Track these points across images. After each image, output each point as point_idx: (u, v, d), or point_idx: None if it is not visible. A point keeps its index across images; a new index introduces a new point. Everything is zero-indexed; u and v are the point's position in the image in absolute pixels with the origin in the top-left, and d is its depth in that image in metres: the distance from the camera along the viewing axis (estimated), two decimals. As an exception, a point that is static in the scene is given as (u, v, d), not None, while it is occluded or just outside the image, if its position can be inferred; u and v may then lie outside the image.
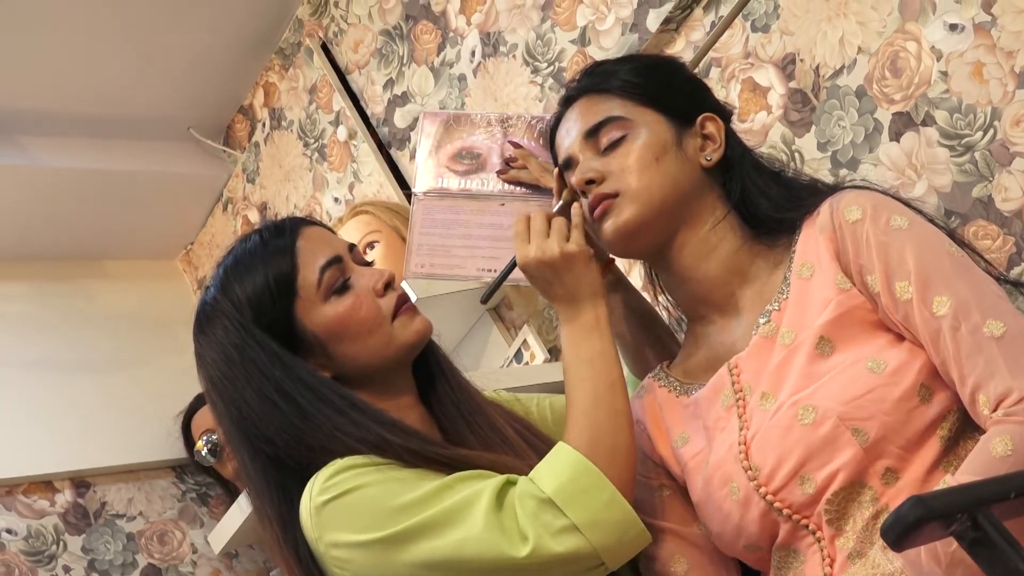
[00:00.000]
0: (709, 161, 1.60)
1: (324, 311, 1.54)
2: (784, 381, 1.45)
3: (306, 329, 1.54)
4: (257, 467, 1.53)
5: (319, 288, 1.54)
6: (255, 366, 1.52)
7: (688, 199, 1.57)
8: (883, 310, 1.44)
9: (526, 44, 2.72)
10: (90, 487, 3.05)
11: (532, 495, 1.40)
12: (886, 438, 1.38)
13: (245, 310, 1.53)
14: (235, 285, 1.55)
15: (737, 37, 2.32)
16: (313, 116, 3.27)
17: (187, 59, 3.26)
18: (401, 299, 1.58)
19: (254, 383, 1.51)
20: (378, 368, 1.57)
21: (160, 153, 3.43)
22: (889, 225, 1.45)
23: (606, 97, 1.62)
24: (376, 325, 1.55)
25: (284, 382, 1.51)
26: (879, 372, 1.40)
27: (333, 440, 1.48)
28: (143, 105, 3.32)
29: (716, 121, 1.62)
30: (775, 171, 1.65)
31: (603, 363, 1.51)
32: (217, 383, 1.55)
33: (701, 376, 1.58)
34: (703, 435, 1.55)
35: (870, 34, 2.13)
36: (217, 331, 1.55)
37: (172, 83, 3.30)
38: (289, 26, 3.32)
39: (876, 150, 2.10)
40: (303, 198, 3.32)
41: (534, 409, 1.76)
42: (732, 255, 1.57)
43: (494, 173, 1.73)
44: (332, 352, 1.55)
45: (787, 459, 1.41)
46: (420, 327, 1.58)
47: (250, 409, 1.51)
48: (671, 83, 1.64)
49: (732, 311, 1.58)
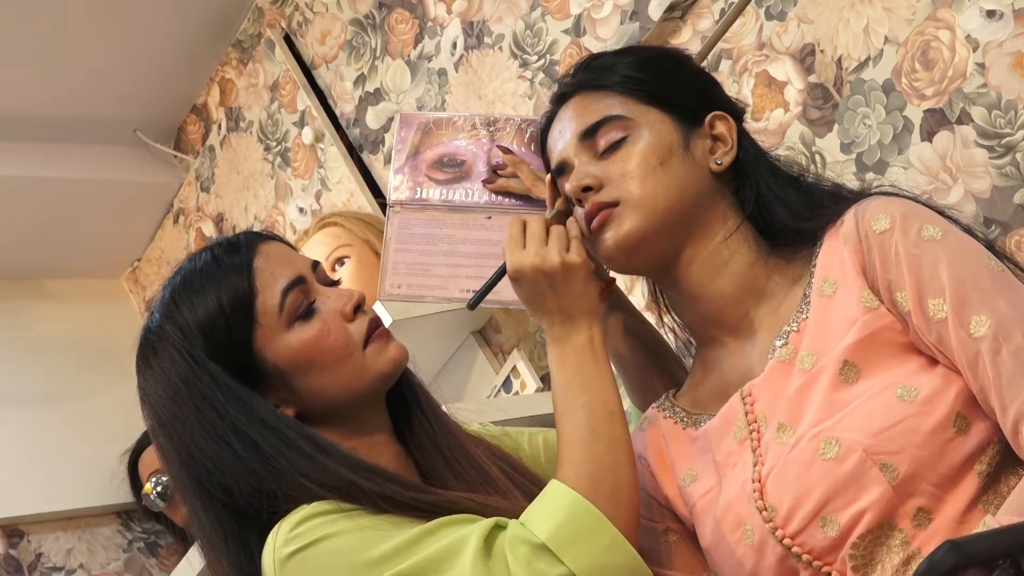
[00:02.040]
0: (720, 165, 1.61)
1: (287, 340, 1.53)
2: (804, 411, 1.46)
3: (266, 360, 1.53)
4: (211, 516, 1.52)
5: (281, 314, 1.53)
6: (207, 403, 1.50)
7: (697, 208, 1.58)
8: (914, 331, 1.45)
9: (514, 35, 2.74)
10: (23, 536, 3.04)
11: (524, 540, 1.39)
12: (918, 474, 1.38)
13: (195, 339, 1.52)
14: (183, 310, 1.53)
15: (750, 26, 2.34)
16: (275, 116, 3.28)
17: (133, 53, 3.27)
18: (373, 323, 1.57)
19: (206, 423, 1.50)
20: (348, 402, 1.56)
21: (103, 159, 3.43)
22: (921, 236, 1.46)
23: (604, 94, 1.62)
24: (346, 354, 1.54)
25: (240, 421, 1.49)
26: (910, 400, 1.40)
27: (297, 487, 1.47)
28: (83, 105, 3.33)
29: (727, 120, 1.63)
30: (793, 175, 1.66)
31: (600, 388, 1.51)
32: (164, 422, 1.54)
33: (711, 405, 1.59)
34: (713, 472, 1.55)
35: (898, 22, 2.14)
36: (163, 363, 1.53)
37: (116, 80, 3.31)
38: (248, 16, 3.34)
39: (906, 151, 2.12)
40: (264, 208, 3.32)
41: (525, 445, 1.75)
42: (746, 270, 1.58)
43: (480, 182, 1.73)
44: (296, 386, 1.54)
45: (807, 498, 1.41)
46: (395, 355, 1.57)
47: (202, 452, 1.50)
48: (677, 78, 1.65)
49: (746, 333, 1.58)
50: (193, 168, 3.52)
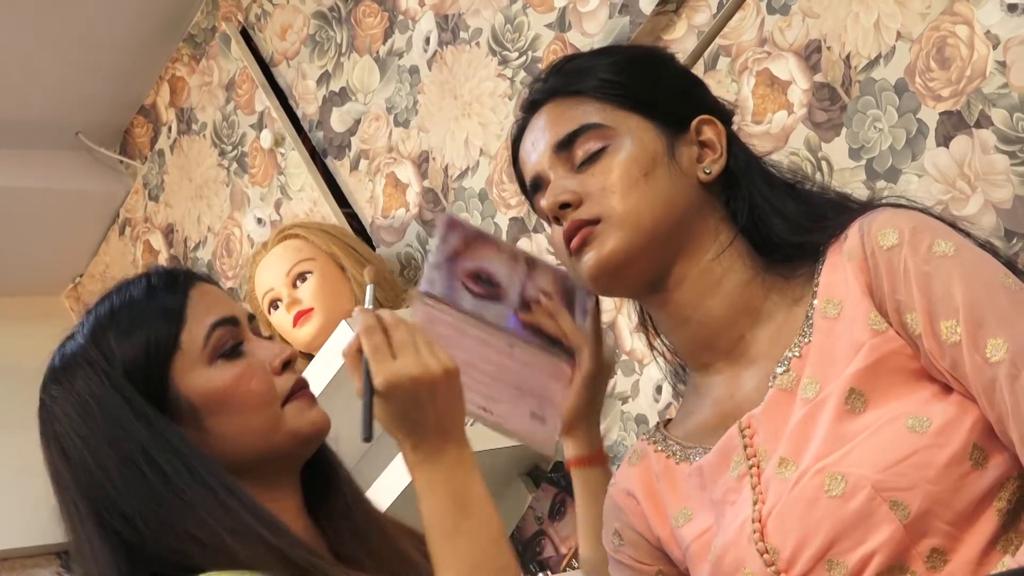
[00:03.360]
0: (708, 174, 1.61)
1: (206, 375, 1.56)
2: (807, 444, 1.46)
3: (178, 391, 1.55)
4: (105, 551, 1.52)
5: (205, 347, 1.56)
6: (118, 424, 1.53)
7: (685, 222, 1.59)
8: (926, 355, 1.46)
9: (492, 29, 2.75)
10: (-46, 580, 3.04)
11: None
12: (931, 512, 1.39)
13: (115, 362, 1.55)
14: (110, 336, 1.57)
15: (750, 20, 2.35)
16: (231, 118, 3.29)
17: (74, 48, 3.27)
18: (300, 383, 1.60)
19: (117, 445, 1.52)
20: (259, 457, 1.57)
21: (42, 165, 3.43)
22: (932, 252, 1.46)
23: (580, 100, 1.63)
24: (264, 403, 1.57)
25: (151, 447, 1.51)
26: (922, 431, 1.41)
27: (201, 526, 1.48)
28: (20, 106, 3.33)
29: (715, 125, 1.63)
30: (790, 183, 1.66)
31: (481, 511, 1.49)
32: (65, 441, 1.56)
33: (705, 438, 1.59)
34: (709, 510, 1.55)
35: (912, 16, 2.15)
36: (77, 381, 1.57)
37: (55, 78, 3.31)
38: (201, 7, 3.35)
39: (920, 158, 2.13)
40: (218, 219, 3.33)
41: None
42: (741, 289, 1.59)
43: (510, 311, 1.75)
44: (206, 426, 1.55)
45: (812, 539, 1.42)
46: (317, 419, 1.60)
47: (105, 476, 1.52)
48: (659, 80, 1.65)
49: (742, 358, 1.59)
50: (140, 175, 3.52)
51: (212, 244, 3.34)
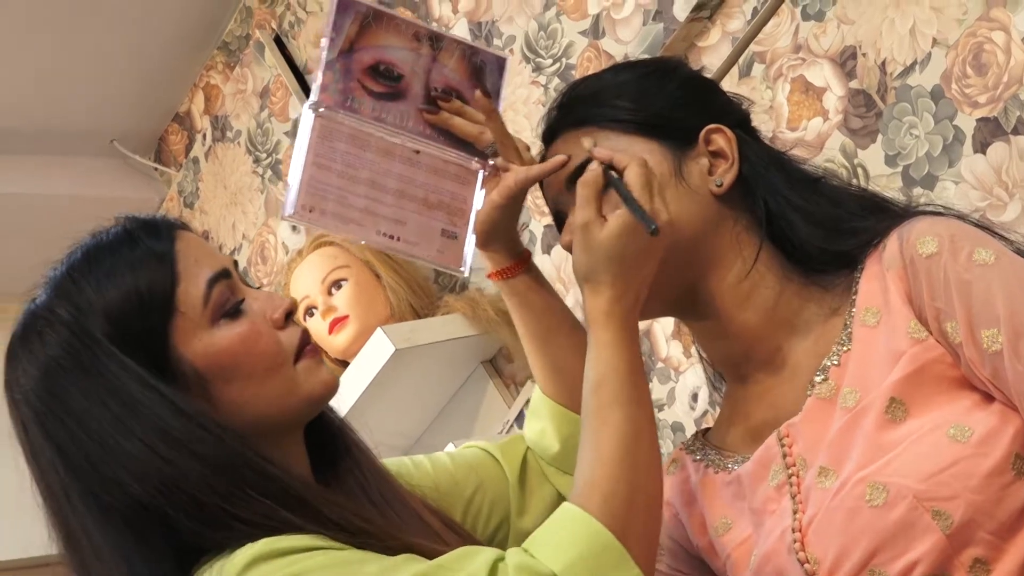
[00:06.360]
0: (720, 187, 1.58)
1: (211, 337, 1.43)
2: (847, 453, 1.46)
3: (183, 359, 1.42)
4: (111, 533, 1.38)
5: (206, 307, 1.43)
6: (118, 398, 1.38)
7: (703, 241, 1.57)
8: (967, 364, 1.45)
9: (526, 36, 2.75)
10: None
11: (534, 572, 1.31)
12: (974, 521, 1.38)
13: (97, 323, 1.40)
14: (86, 290, 1.42)
15: (785, 27, 2.35)
16: (265, 125, 3.30)
17: (109, 57, 3.29)
18: (305, 336, 1.49)
19: (122, 422, 1.37)
20: (271, 425, 1.46)
21: (77, 172, 3.45)
22: (972, 260, 1.46)
23: (587, 131, 1.60)
24: (276, 364, 1.45)
25: (165, 421, 1.37)
26: (964, 441, 1.41)
27: (247, 503, 1.36)
28: (57, 114, 3.34)
29: (723, 132, 1.60)
30: (813, 179, 1.63)
31: (646, 390, 1.45)
32: (47, 420, 1.40)
33: (744, 448, 1.59)
34: (748, 520, 1.55)
35: (947, 22, 2.15)
36: (53, 350, 1.41)
37: (92, 87, 3.33)
38: (235, 15, 3.36)
39: (957, 164, 2.13)
40: (253, 226, 3.34)
41: (414, 472, 1.66)
42: (774, 301, 1.58)
43: (415, 109, 1.64)
44: (215, 395, 1.43)
45: (853, 549, 1.42)
46: (329, 379, 1.49)
47: (110, 456, 1.37)
48: (662, 96, 1.62)
49: (780, 367, 1.58)
50: (175, 182, 3.54)
51: (247, 251, 3.35)
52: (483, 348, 2.82)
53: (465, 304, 2.77)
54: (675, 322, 2.46)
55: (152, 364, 1.40)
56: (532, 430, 1.73)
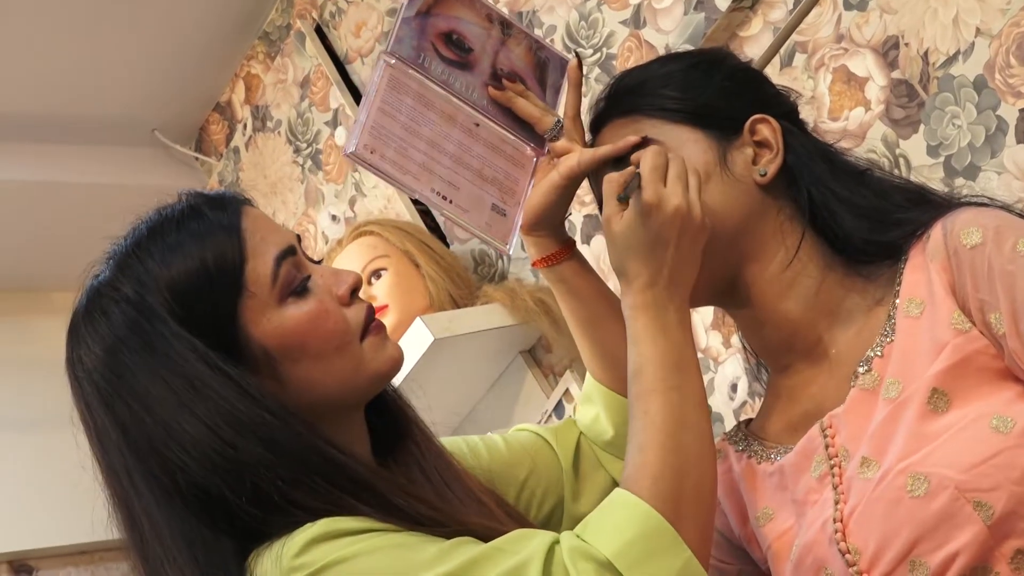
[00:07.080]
0: (764, 176, 1.59)
1: (279, 316, 1.42)
2: (889, 444, 1.46)
3: (251, 339, 1.40)
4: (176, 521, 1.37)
5: (274, 285, 1.42)
6: (186, 381, 1.36)
7: (746, 229, 1.58)
8: (1010, 355, 1.45)
9: (567, 26, 2.75)
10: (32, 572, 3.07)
11: (588, 556, 1.32)
12: (1016, 513, 1.38)
13: (164, 301, 1.38)
14: (151, 265, 1.40)
15: (827, 16, 2.35)
16: (305, 115, 3.31)
17: (150, 47, 3.30)
18: (370, 312, 1.48)
19: (191, 406, 1.36)
20: (336, 403, 1.45)
21: (119, 161, 3.46)
22: (1016, 251, 1.45)
23: (634, 120, 1.61)
24: (344, 342, 1.44)
25: (239, 408, 1.36)
26: (1006, 432, 1.40)
27: (313, 491, 1.35)
28: (98, 103, 3.36)
29: (769, 122, 1.60)
30: (859, 170, 1.64)
31: (696, 374, 1.45)
32: (112, 400, 1.39)
33: (787, 438, 1.59)
34: (790, 510, 1.55)
35: (991, 12, 2.14)
36: (118, 329, 1.39)
37: (132, 76, 3.35)
38: (276, 5, 3.37)
39: (999, 155, 2.12)
40: (293, 216, 3.35)
41: (469, 458, 1.65)
42: (816, 290, 1.58)
43: (481, 83, 1.66)
44: (284, 375, 1.42)
45: (894, 540, 1.42)
46: (395, 354, 1.49)
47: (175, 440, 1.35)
48: (709, 86, 1.63)
49: (822, 358, 1.58)
50: (216, 171, 3.55)
51: (286, 240, 3.37)
52: (522, 338, 2.83)
53: (504, 294, 2.77)
54: (714, 312, 2.46)
55: (219, 344, 1.38)
56: (586, 415, 1.72)
